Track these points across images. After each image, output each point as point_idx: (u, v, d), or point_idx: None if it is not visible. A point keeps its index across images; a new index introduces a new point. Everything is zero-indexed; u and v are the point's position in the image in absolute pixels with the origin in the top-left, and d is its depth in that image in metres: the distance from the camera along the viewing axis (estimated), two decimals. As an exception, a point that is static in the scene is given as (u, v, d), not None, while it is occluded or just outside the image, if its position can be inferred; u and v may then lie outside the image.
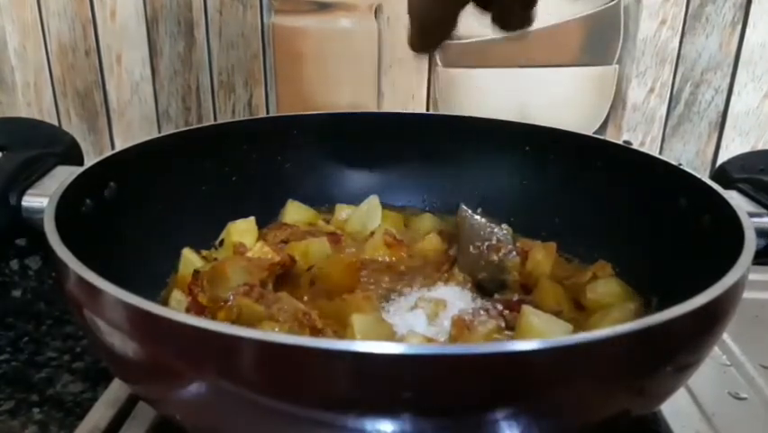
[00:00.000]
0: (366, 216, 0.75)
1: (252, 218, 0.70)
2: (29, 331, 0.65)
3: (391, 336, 0.54)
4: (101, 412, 0.52)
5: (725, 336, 0.60)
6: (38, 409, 0.55)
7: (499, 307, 0.58)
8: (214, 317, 0.55)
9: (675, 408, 0.52)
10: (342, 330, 0.54)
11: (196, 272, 0.61)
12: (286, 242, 0.68)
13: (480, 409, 0.37)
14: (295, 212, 0.74)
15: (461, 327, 0.55)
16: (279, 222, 0.73)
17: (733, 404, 0.54)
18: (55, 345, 0.63)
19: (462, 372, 0.35)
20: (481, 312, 0.57)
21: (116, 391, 0.53)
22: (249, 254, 0.64)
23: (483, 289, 0.63)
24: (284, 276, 0.63)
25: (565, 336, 0.45)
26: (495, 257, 0.63)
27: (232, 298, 0.56)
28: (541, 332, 0.53)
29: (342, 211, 0.76)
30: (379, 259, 0.68)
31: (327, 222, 0.75)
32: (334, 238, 0.69)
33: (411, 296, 0.62)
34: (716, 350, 0.59)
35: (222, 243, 0.69)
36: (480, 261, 0.63)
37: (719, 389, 0.56)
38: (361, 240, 0.71)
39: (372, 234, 0.71)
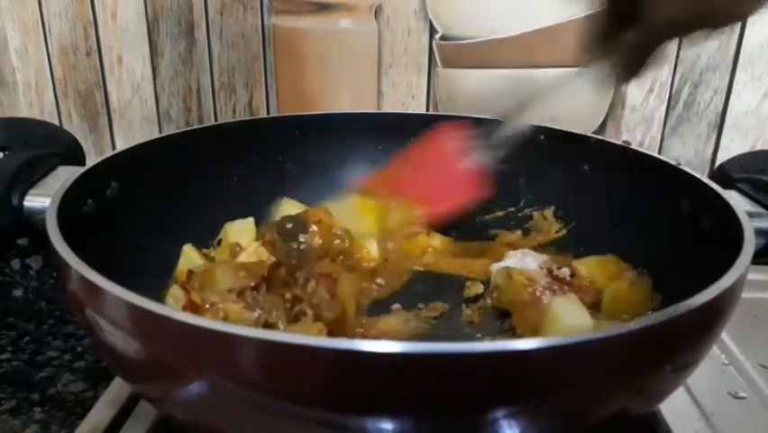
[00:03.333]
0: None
1: (251, 219, 0.70)
2: (30, 331, 0.65)
3: None
4: (102, 412, 0.52)
5: (724, 335, 0.60)
6: (39, 408, 0.55)
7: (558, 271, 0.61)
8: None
9: (674, 407, 0.52)
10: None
11: (191, 273, 0.61)
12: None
13: (481, 409, 0.37)
14: (290, 210, 0.74)
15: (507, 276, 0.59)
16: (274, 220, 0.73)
17: (732, 403, 0.54)
18: (56, 345, 0.63)
19: (462, 371, 0.35)
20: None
21: (117, 390, 0.53)
22: (244, 255, 0.64)
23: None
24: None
25: (571, 334, 0.45)
26: None
27: (220, 303, 0.55)
28: (562, 320, 0.53)
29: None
30: None
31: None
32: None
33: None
34: (715, 349, 0.59)
35: (220, 243, 0.69)
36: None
37: (718, 388, 0.56)
38: None
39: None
